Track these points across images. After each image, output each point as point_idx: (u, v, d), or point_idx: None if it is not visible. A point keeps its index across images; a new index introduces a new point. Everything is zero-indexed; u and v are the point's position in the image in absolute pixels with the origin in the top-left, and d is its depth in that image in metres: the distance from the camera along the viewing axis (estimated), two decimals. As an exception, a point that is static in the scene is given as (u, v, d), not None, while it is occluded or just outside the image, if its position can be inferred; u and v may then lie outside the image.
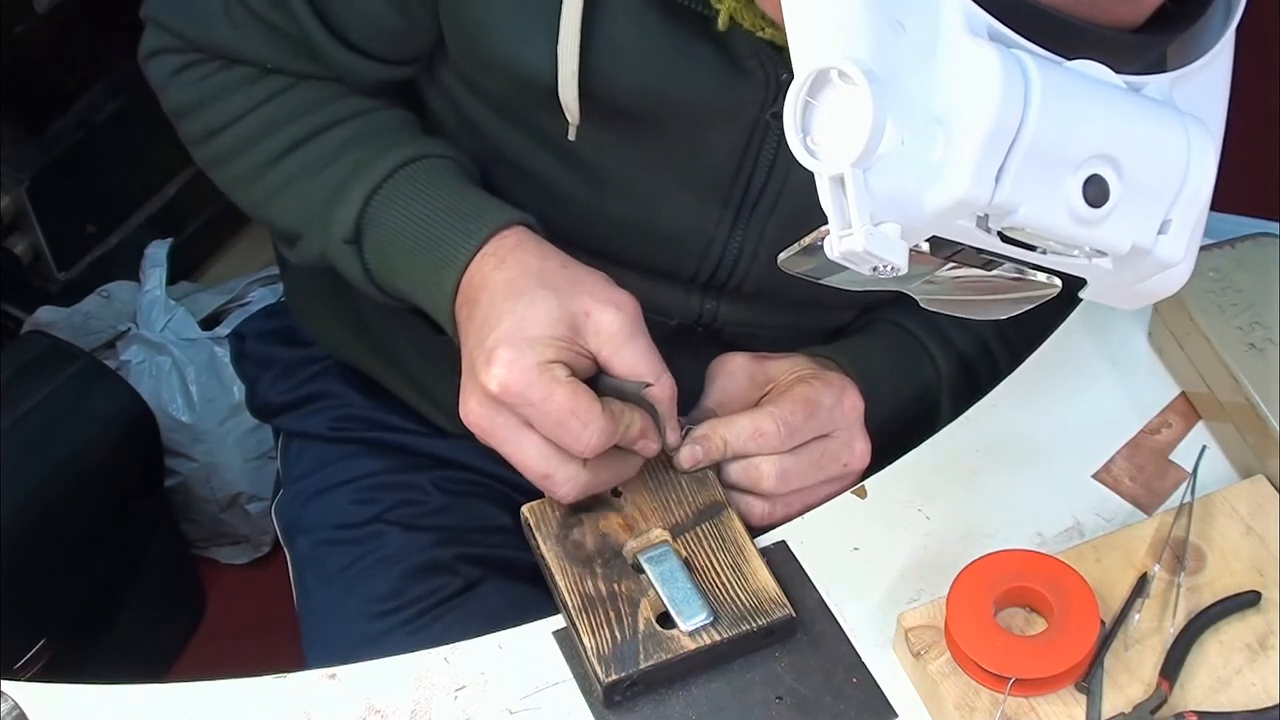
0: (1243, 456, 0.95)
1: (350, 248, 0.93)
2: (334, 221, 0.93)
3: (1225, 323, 0.97)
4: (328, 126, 0.96)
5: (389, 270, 0.93)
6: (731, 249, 0.97)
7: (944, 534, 0.92)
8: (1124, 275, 0.68)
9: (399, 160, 0.93)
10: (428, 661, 0.86)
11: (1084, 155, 0.63)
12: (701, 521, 0.88)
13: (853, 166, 0.60)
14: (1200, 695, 0.82)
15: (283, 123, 0.97)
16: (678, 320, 1.02)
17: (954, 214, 0.63)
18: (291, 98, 0.97)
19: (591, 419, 0.81)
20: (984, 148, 0.61)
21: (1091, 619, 0.82)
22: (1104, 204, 0.63)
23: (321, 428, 1.15)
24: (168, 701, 0.84)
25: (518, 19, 0.87)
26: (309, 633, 1.12)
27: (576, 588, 0.85)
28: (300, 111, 0.97)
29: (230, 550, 1.87)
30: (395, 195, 0.92)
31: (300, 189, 0.96)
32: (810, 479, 0.91)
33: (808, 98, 0.62)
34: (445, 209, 0.90)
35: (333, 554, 1.11)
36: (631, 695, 0.83)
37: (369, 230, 0.92)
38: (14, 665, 1.47)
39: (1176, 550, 0.89)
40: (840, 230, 0.62)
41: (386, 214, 0.92)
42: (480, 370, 0.82)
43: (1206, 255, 1.01)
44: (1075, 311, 1.07)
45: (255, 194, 0.99)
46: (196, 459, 1.78)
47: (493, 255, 0.87)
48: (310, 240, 0.96)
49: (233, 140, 0.98)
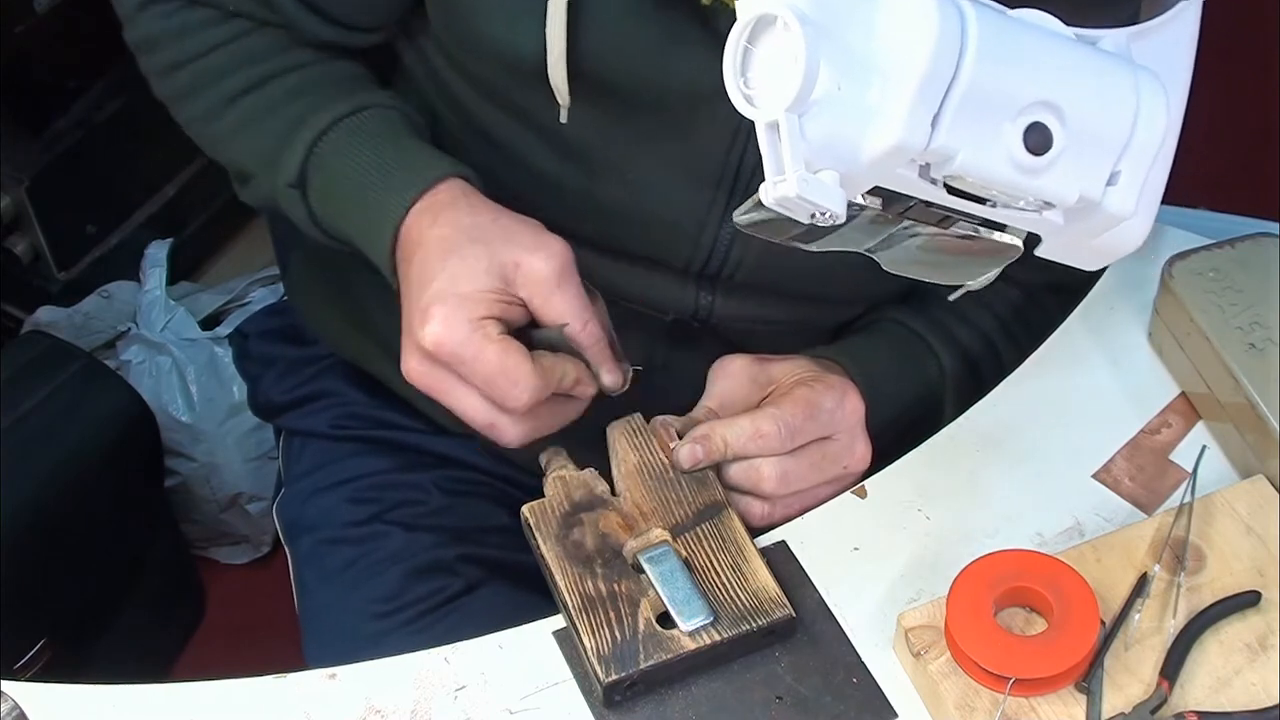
0: (1243, 456, 0.95)
1: (295, 192, 0.95)
2: (280, 165, 0.95)
3: (1225, 323, 0.97)
4: (281, 72, 0.98)
5: (332, 215, 0.95)
6: (724, 235, 0.96)
7: (944, 534, 0.92)
8: (1076, 230, 0.68)
9: (346, 109, 0.95)
10: (428, 661, 0.86)
11: (1024, 102, 0.63)
12: (701, 521, 0.88)
13: (787, 111, 0.60)
14: (1200, 695, 0.82)
15: (239, 65, 0.98)
16: (674, 315, 1.01)
17: (891, 160, 0.63)
18: (249, 42, 0.99)
19: (520, 377, 0.83)
20: (919, 92, 0.61)
21: (1091, 619, 0.82)
22: (1046, 152, 0.63)
23: (323, 426, 1.15)
24: (168, 701, 0.84)
25: (507, 2, 0.87)
26: (309, 632, 1.12)
27: (576, 588, 0.85)
28: (257, 56, 0.99)
29: (230, 550, 1.87)
30: (338, 143, 0.94)
31: (252, 131, 0.98)
32: (810, 480, 0.91)
33: (747, 44, 0.62)
34: (383, 161, 0.92)
35: (333, 553, 1.11)
36: (631, 695, 0.83)
37: (313, 176, 0.94)
38: (14, 665, 1.47)
39: (1176, 550, 0.89)
40: (774, 177, 0.62)
41: (329, 161, 0.94)
42: (416, 328, 0.84)
43: (1207, 255, 1.01)
44: (1075, 311, 1.07)
45: (212, 132, 1.01)
46: (196, 459, 1.78)
47: (427, 211, 0.89)
48: (260, 182, 0.99)
49: (191, 78, 1.00)
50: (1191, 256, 1.01)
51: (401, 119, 0.96)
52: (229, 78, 0.99)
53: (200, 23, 0.99)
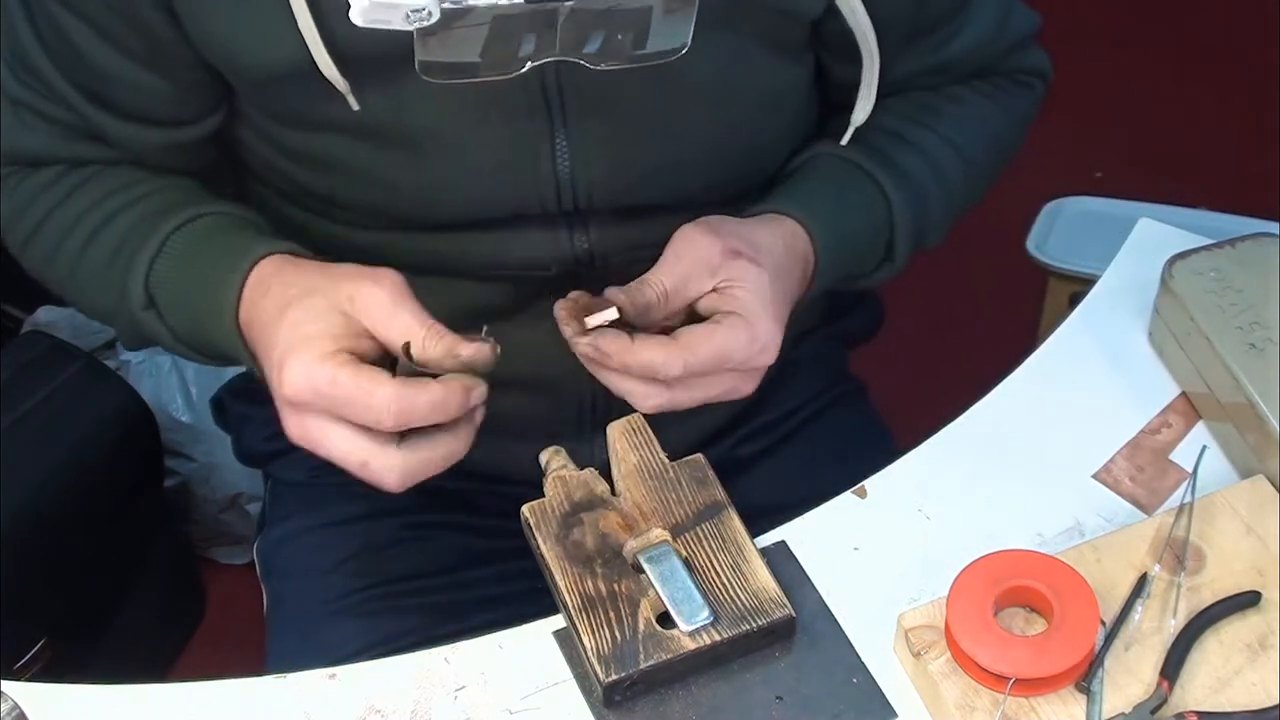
0: (1243, 456, 0.95)
1: (150, 313, 0.96)
2: (129, 293, 0.95)
3: (1225, 323, 0.97)
4: (121, 209, 0.98)
5: (185, 327, 0.96)
6: (563, 162, 0.94)
7: (944, 534, 0.92)
8: None
9: (177, 222, 0.95)
10: (428, 661, 0.86)
11: None
12: (701, 521, 0.88)
13: None
14: (1200, 695, 0.82)
15: (80, 216, 0.98)
16: (556, 268, 0.99)
17: None
18: (88, 190, 0.99)
19: (376, 387, 0.81)
20: None
21: (1091, 619, 0.82)
22: None
23: (301, 475, 1.16)
24: (168, 701, 0.84)
25: (253, 15, 0.86)
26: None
27: (576, 588, 0.85)
28: (97, 200, 0.99)
29: (230, 550, 1.87)
30: (173, 255, 0.95)
31: (105, 275, 0.98)
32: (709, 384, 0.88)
33: None
34: (213, 257, 0.93)
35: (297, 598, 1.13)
36: (631, 695, 0.83)
37: (158, 294, 0.95)
38: (14, 665, 1.47)
39: (1176, 550, 0.89)
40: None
41: (166, 276, 0.95)
42: (276, 388, 0.83)
43: (1207, 255, 1.01)
44: (1075, 311, 1.07)
45: (77, 289, 1.02)
46: (196, 459, 1.78)
47: (257, 287, 0.90)
48: (122, 320, 0.99)
49: (45, 243, 1.00)
50: (1191, 256, 1.01)
51: (232, 220, 0.97)
52: (75, 230, 0.98)
53: (43, 185, 1.00)
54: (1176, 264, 1.01)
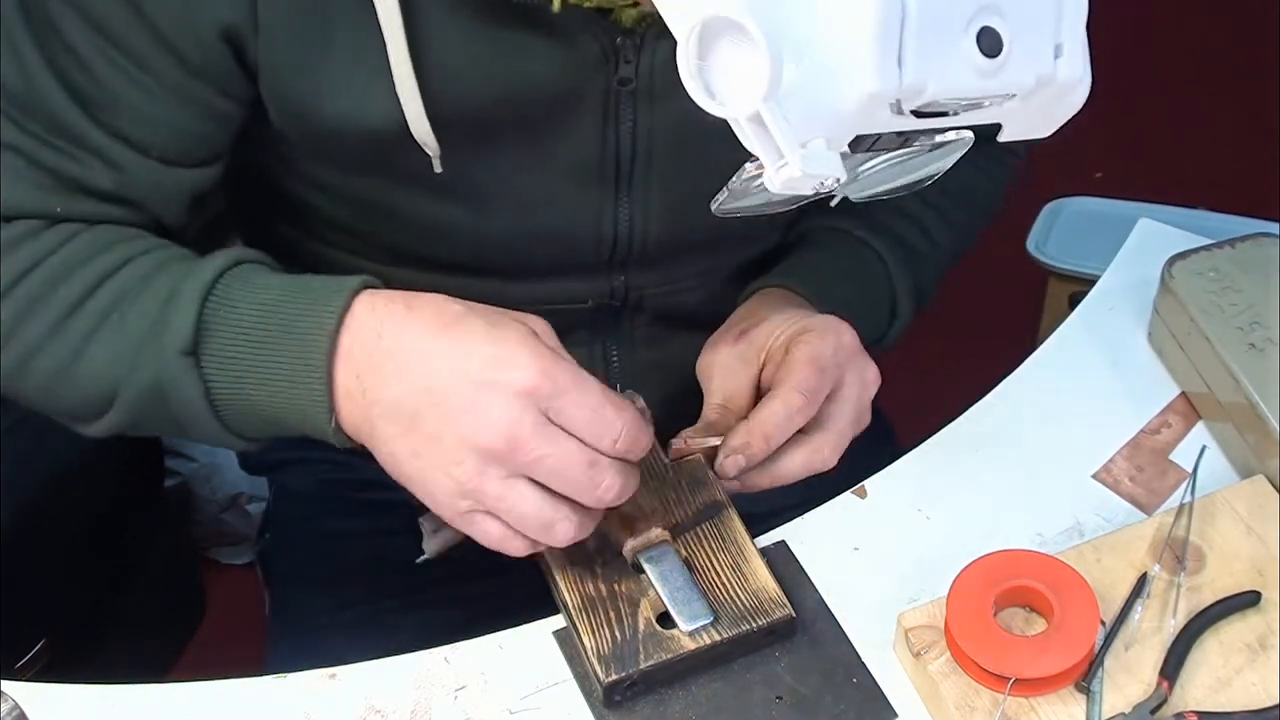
0: (1243, 456, 0.95)
1: (188, 360, 0.80)
2: (167, 331, 0.80)
3: (1225, 323, 0.97)
4: (129, 259, 0.85)
5: (235, 376, 0.81)
6: (623, 223, 0.95)
7: (944, 534, 0.92)
8: (1032, 106, 0.70)
9: (224, 262, 0.83)
10: (428, 661, 0.86)
11: (969, 13, 0.64)
12: (701, 521, 0.88)
13: (765, 102, 0.61)
14: (1200, 695, 0.82)
15: (77, 266, 0.84)
16: (594, 302, 1.00)
17: (869, 111, 0.64)
18: (82, 242, 0.85)
19: (624, 404, 0.78)
20: (878, 40, 0.62)
21: (1091, 619, 0.82)
22: (1000, 51, 0.65)
23: (307, 484, 1.15)
24: (168, 701, 0.84)
25: (348, 75, 0.83)
26: None
27: (576, 588, 0.85)
28: (97, 250, 0.85)
29: (230, 550, 1.87)
30: (231, 290, 0.82)
31: (112, 325, 0.83)
32: (848, 424, 0.90)
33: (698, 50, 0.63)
34: (294, 287, 0.82)
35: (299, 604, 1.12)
36: (631, 695, 0.83)
37: (210, 334, 0.81)
38: (14, 665, 1.47)
39: (1176, 550, 0.89)
40: (775, 164, 0.63)
41: (228, 309, 0.81)
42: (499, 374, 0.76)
43: (1207, 255, 1.01)
44: (1075, 311, 1.07)
45: (52, 357, 0.84)
46: (196, 459, 1.78)
47: (368, 315, 0.79)
48: (133, 380, 0.83)
49: (17, 304, 0.84)
50: (1191, 256, 1.01)
51: (274, 267, 0.86)
52: (69, 281, 0.84)
53: (18, 238, 0.85)
54: (1176, 264, 1.01)
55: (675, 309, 1.00)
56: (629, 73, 0.87)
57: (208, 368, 0.81)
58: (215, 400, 0.81)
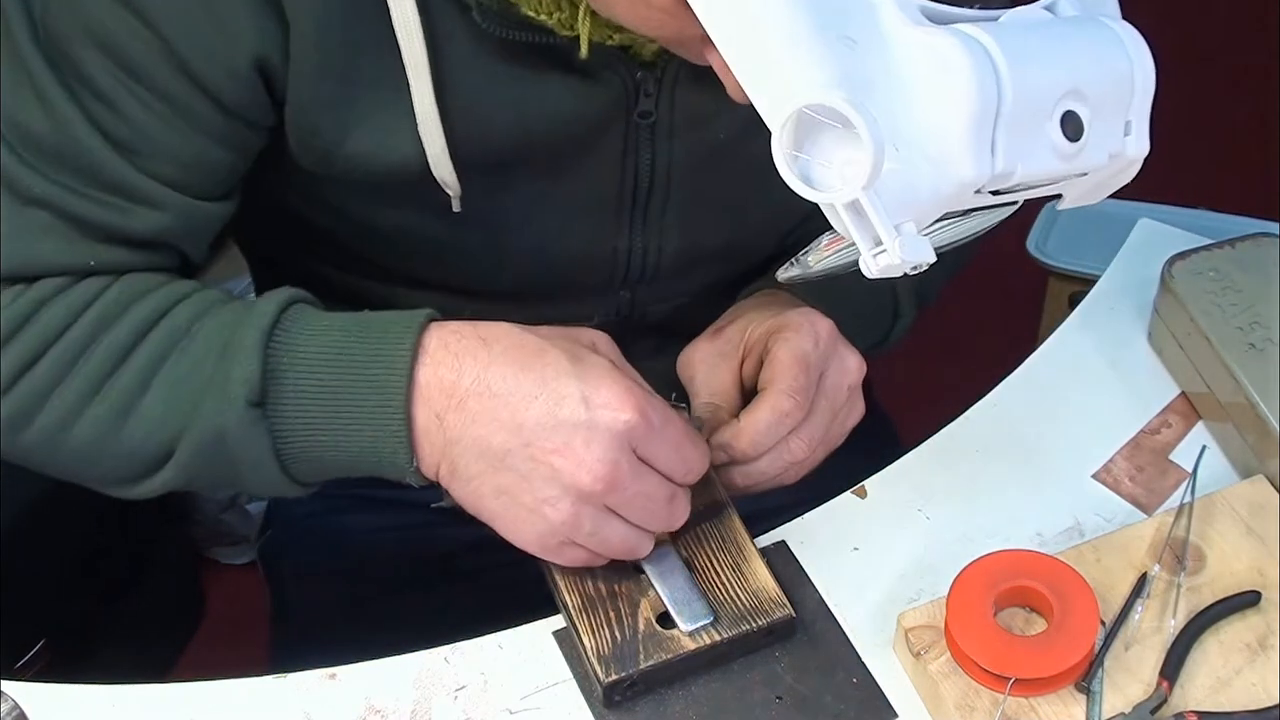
0: (1243, 456, 0.95)
1: (255, 412, 0.78)
2: (230, 381, 0.78)
3: (1225, 323, 0.97)
4: (170, 307, 0.82)
5: (305, 423, 0.79)
6: (636, 252, 0.96)
7: (944, 534, 0.92)
8: (1095, 180, 0.71)
9: (278, 305, 0.80)
10: (428, 661, 0.86)
11: (1054, 99, 0.65)
12: (701, 521, 0.88)
13: (864, 190, 0.62)
14: (1200, 695, 0.82)
15: (116, 316, 0.81)
16: (599, 318, 1.01)
17: (961, 195, 0.65)
18: (117, 290, 0.82)
19: (696, 436, 0.82)
20: (974, 131, 0.63)
21: (1091, 619, 0.82)
22: (1082, 135, 0.66)
23: None
24: (168, 701, 0.84)
25: (372, 113, 0.83)
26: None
27: (576, 588, 0.85)
28: (134, 298, 0.82)
29: (230, 550, 1.87)
30: (291, 335, 0.80)
31: (164, 378, 0.80)
32: (826, 425, 0.90)
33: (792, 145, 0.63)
34: (352, 329, 0.80)
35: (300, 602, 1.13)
36: (631, 695, 0.83)
37: (277, 382, 0.78)
38: (14, 665, 1.47)
39: (1176, 550, 0.89)
40: (871, 249, 0.64)
41: (293, 355, 0.79)
42: (595, 415, 0.76)
43: (1207, 255, 1.01)
44: (1075, 311, 1.07)
45: (97, 416, 0.80)
46: (196, 459, 1.78)
47: (445, 362, 0.78)
48: (191, 434, 0.79)
49: (54, 364, 0.80)
50: (1191, 256, 1.01)
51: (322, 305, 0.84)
52: (110, 331, 0.81)
53: (49, 293, 0.81)
54: (1176, 264, 1.01)
55: (679, 321, 1.00)
56: (649, 106, 0.87)
57: (274, 418, 0.79)
58: (282, 451, 0.80)
